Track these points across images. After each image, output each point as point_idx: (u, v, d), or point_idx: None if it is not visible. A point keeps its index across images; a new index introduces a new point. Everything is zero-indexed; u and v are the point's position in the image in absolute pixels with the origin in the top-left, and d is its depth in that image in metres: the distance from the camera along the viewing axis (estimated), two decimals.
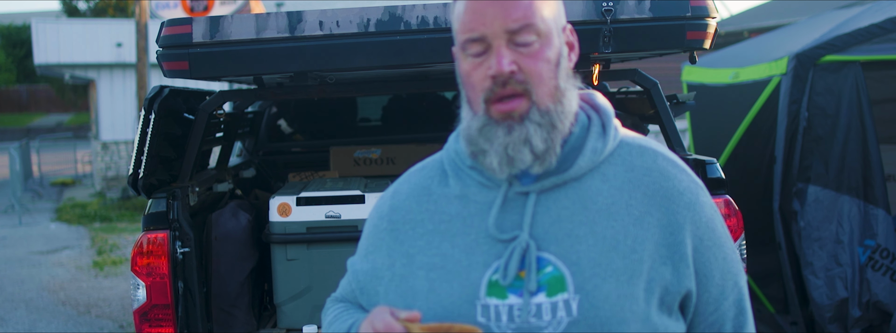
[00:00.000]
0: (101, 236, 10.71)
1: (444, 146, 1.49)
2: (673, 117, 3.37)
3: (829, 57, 4.36)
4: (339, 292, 1.60)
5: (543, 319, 1.30)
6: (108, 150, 15.97)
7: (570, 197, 1.35)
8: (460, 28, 1.32)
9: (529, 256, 1.31)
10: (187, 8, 14.69)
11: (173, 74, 2.84)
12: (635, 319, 1.29)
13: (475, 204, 1.38)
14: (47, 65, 16.06)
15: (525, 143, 1.30)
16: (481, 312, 1.32)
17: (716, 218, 1.40)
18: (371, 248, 1.48)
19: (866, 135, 4.27)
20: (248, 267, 3.37)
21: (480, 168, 1.37)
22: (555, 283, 1.30)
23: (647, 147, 1.42)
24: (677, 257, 1.33)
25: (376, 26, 2.75)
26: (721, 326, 1.39)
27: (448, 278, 1.35)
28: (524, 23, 1.29)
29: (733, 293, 1.40)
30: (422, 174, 1.48)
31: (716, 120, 5.52)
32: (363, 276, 1.49)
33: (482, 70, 1.31)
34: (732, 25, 14.29)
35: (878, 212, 4.26)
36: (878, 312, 4.28)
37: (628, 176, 1.37)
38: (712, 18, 2.89)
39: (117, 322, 6.51)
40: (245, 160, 4.94)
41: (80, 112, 34.81)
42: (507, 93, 1.30)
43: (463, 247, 1.36)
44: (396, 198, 1.48)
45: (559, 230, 1.33)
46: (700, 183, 1.42)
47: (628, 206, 1.34)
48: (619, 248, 1.31)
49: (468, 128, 1.36)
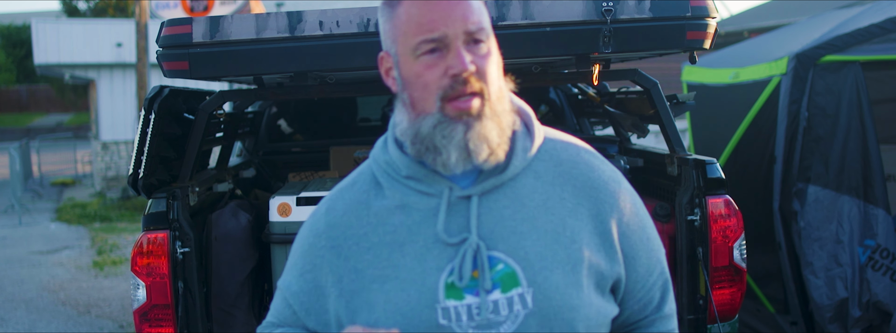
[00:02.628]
0: (101, 236, 10.71)
1: (371, 158, 1.51)
2: (673, 117, 3.37)
3: (829, 57, 4.36)
4: (273, 317, 1.57)
5: (501, 314, 1.36)
6: (108, 150, 15.97)
7: (508, 197, 1.41)
8: (415, 29, 1.35)
9: (481, 256, 1.36)
10: (187, 8, 14.68)
11: (173, 74, 2.84)
12: (583, 305, 1.38)
13: (417, 211, 1.41)
14: (47, 65, 16.07)
15: (483, 138, 1.35)
16: (442, 315, 1.36)
17: (637, 203, 1.50)
18: (308, 267, 1.48)
19: (866, 135, 4.27)
20: (248, 267, 3.37)
21: (417, 176, 1.41)
22: (508, 279, 1.37)
23: (569, 141, 1.50)
24: (608, 244, 1.43)
25: (376, 26, 2.75)
26: (649, 302, 1.51)
27: (403, 286, 1.38)
28: (480, 26, 1.36)
29: (657, 268, 1.51)
30: (355, 189, 1.49)
31: (716, 120, 5.52)
32: (305, 297, 1.49)
33: (438, 69, 1.35)
34: (732, 25, 14.29)
35: (878, 212, 4.26)
36: (878, 312, 4.28)
37: (557, 170, 1.44)
38: (712, 18, 2.89)
39: (117, 322, 6.51)
40: (245, 160, 4.94)
41: (80, 112, 34.81)
42: (466, 92, 1.34)
43: (413, 255, 1.39)
44: (332, 215, 1.48)
45: (504, 228, 1.39)
46: (619, 173, 1.51)
47: (562, 199, 1.42)
48: (561, 240, 1.39)
49: (415, 127, 1.38)
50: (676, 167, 3.26)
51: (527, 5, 2.76)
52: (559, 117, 5.30)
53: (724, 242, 3.01)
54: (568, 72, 3.73)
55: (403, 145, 1.44)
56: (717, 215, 3.01)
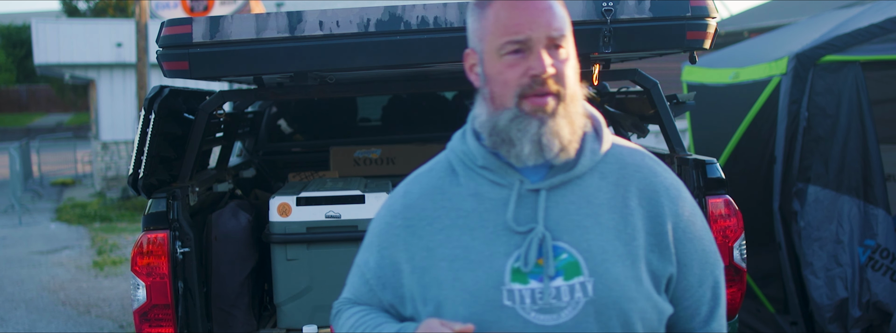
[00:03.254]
0: (101, 236, 10.71)
1: (448, 148, 1.62)
2: (673, 117, 3.37)
3: (829, 57, 4.36)
4: (350, 293, 1.69)
5: (563, 300, 1.45)
6: (108, 150, 15.97)
7: (574, 193, 1.51)
8: (502, 30, 1.47)
9: (546, 245, 1.46)
10: (187, 8, 14.68)
11: (173, 74, 2.84)
12: (641, 297, 1.47)
13: (489, 200, 1.52)
14: (47, 65, 16.06)
15: (555, 135, 1.47)
16: (507, 296, 1.46)
17: (696, 214, 1.58)
18: (385, 244, 1.59)
19: (866, 135, 4.27)
20: (248, 267, 3.37)
21: (491, 167, 1.52)
22: (571, 268, 1.47)
23: (636, 148, 1.61)
24: (663, 245, 1.52)
25: (376, 26, 2.75)
26: (696, 309, 1.56)
27: (472, 267, 1.48)
28: (562, 33, 1.48)
29: (710, 281, 1.57)
30: (431, 175, 1.61)
31: (716, 120, 5.52)
32: (381, 271, 1.60)
33: (520, 69, 1.46)
34: (732, 25, 14.28)
35: (878, 212, 4.26)
36: (878, 312, 4.28)
37: (622, 172, 1.54)
38: (712, 18, 2.89)
39: (117, 322, 6.51)
40: (245, 160, 4.94)
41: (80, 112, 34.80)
42: (542, 91, 1.46)
43: (483, 239, 1.49)
44: (408, 198, 1.60)
45: (569, 222, 1.49)
46: (681, 182, 1.61)
47: (625, 199, 1.52)
48: (622, 237, 1.49)
49: (494, 120, 1.49)
50: (676, 167, 3.26)
51: None
52: None
53: (724, 242, 3.02)
54: None
55: (480, 137, 1.54)
56: (717, 215, 3.02)
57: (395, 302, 1.60)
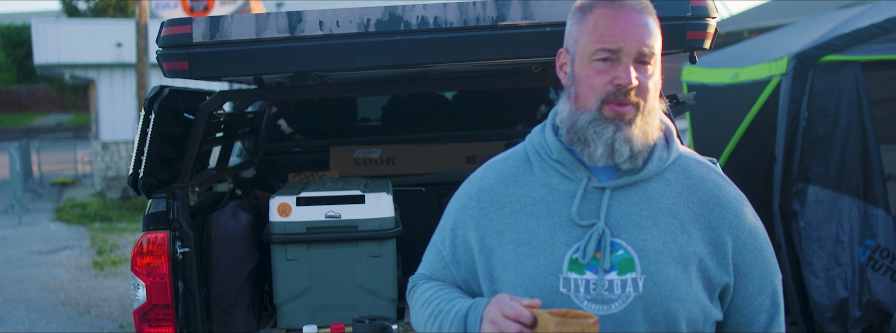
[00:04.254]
0: (101, 236, 10.71)
1: (527, 139, 1.73)
2: (673, 117, 3.37)
3: (829, 57, 4.36)
4: (425, 269, 1.80)
5: (614, 293, 1.55)
6: (108, 150, 15.97)
7: (638, 195, 1.60)
8: (596, 37, 1.55)
9: (605, 240, 1.56)
10: (187, 8, 14.68)
11: (173, 74, 2.84)
12: (689, 299, 1.55)
13: (558, 192, 1.63)
14: (47, 65, 16.06)
15: (628, 141, 1.56)
16: (563, 284, 1.57)
17: (758, 227, 1.66)
18: (459, 223, 1.71)
19: (866, 135, 4.27)
20: (248, 267, 3.37)
21: (564, 161, 1.63)
22: (625, 264, 1.56)
23: (703, 161, 1.70)
24: (721, 255, 1.59)
25: (376, 26, 2.75)
26: (755, 317, 1.64)
27: (534, 253, 1.60)
28: (652, 50, 1.57)
29: (769, 290, 1.64)
30: (507, 163, 1.72)
31: (716, 120, 5.52)
32: (455, 249, 1.71)
33: (607, 76, 1.55)
34: (732, 25, 14.28)
35: (878, 212, 4.26)
36: (878, 312, 4.28)
37: (687, 182, 1.64)
38: (712, 18, 2.88)
39: (117, 322, 6.51)
40: (245, 160, 4.94)
41: (80, 112, 34.79)
42: (624, 101, 1.55)
43: (547, 228, 1.60)
44: (484, 182, 1.72)
45: (628, 221, 1.58)
46: (743, 196, 1.68)
47: (686, 208, 1.61)
48: (678, 240, 1.57)
49: (574, 119, 1.59)
50: None
51: (527, 5, 2.76)
52: None
53: None
54: None
55: (559, 132, 1.65)
56: None
57: (468, 278, 1.71)
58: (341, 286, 3.31)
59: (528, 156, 1.70)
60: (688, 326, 1.56)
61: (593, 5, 1.58)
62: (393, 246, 3.33)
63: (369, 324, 2.94)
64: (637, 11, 1.57)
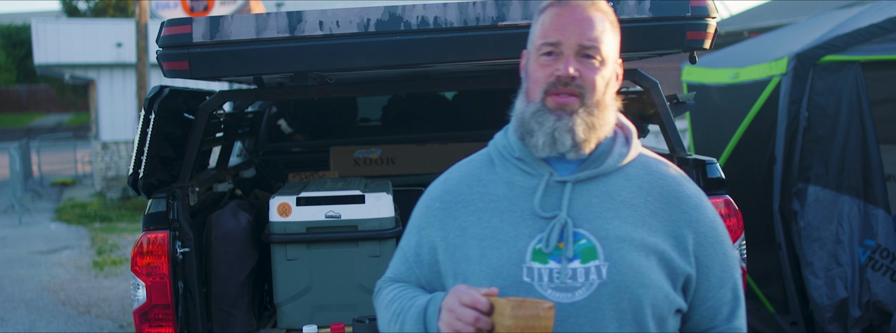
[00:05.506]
0: (101, 236, 10.71)
1: (491, 142, 1.78)
2: (673, 117, 3.37)
3: (829, 57, 4.36)
4: (391, 273, 1.84)
5: (578, 281, 1.59)
6: (108, 150, 15.97)
7: (599, 189, 1.66)
8: (541, 33, 1.63)
9: (567, 230, 1.60)
10: (187, 8, 14.68)
11: (173, 74, 2.84)
12: (652, 285, 1.59)
13: (520, 188, 1.67)
14: (47, 65, 16.06)
15: (569, 131, 1.61)
16: (526, 273, 1.60)
17: (717, 221, 1.70)
18: (424, 225, 1.76)
19: (866, 135, 4.27)
20: (248, 267, 3.37)
21: (525, 158, 1.68)
22: (588, 253, 1.60)
23: (662, 160, 1.75)
24: (682, 247, 1.64)
25: (376, 26, 2.75)
26: (718, 309, 1.68)
27: (498, 246, 1.63)
28: (594, 44, 1.62)
29: (730, 283, 1.69)
30: (471, 164, 1.78)
31: (716, 120, 5.52)
32: (420, 250, 1.75)
33: (549, 69, 1.62)
34: (732, 25, 14.28)
35: (878, 212, 4.26)
36: (878, 312, 4.28)
37: (647, 178, 1.69)
38: (712, 18, 2.89)
39: (117, 322, 6.51)
40: (245, 160, 4.94)
41: (80, 112, 34.78)
42: (564, 91, 1.61)
43: (510, 222, 1.64)
44: (448, 184, 1.77)
45: (590, 212, 1.63)
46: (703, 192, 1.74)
47: (646, 202, 1.66)
48: (639, 231, 1.62)
49: (523, 112, 1.66)
50: None
51: (527, 5, 2.76)
52: None
53: None
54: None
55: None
56: None
57: (431, 278, 1.74)
58: (341, 286, 3.31)
59: (491, 158, 1.75)
60: (653, 312, 1.60)
61: (547, 5, 1.66)
62: (393, 246, 3.33)
63: (369, 324, 2.94)
64: (583, 8, 1.62)
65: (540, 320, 1.46)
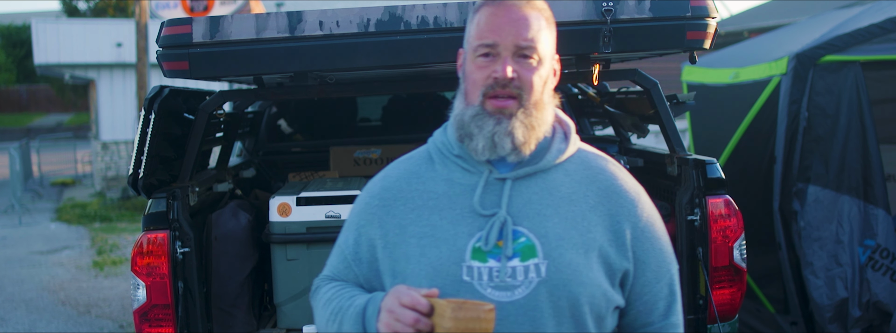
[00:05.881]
0: (101, 236, 10.71)
1: (430, 139, 1.76)
2: (673, 117, 3.37)
3: (829, 57, 4.36)
4: (328, 271, 1.81)
5: (517, 279, 1.58)
6: (108, 150, 15.97)
7: (538, 185, 1.65)
8: (477, 34, 1.61)
9: (506, 228, 1.60)
10: (187, 8, 14.68)
11: (173, 74, 2.84)
12: (591, 283, 1.60)
13: (459, 185, 1.66)
14: (47, 65, 16.06)
15: (509, 134, 1.60)
16: (466, 272, 1.59)
17: (654, 216, 1.71)
18: (363, 222, 1.74)
19: (866, 135, 4.27)
20: (248, 267, 3.37)
21: (465, 156, 1.66)
22: (527, 251, 1.59)
23: (601, 155, 1.75)
24: (620, 242, 1.64)
25: (376, 26, 2.75)
26: (654, 303, 1.70)
27: (437, 244, 1.62)
28: (531, 44, 1.60)
29: (666, 278, 1.70)
30: (410, 162, 1.76)
31: (716, 120, 5.52)
32: (358, 247, 1.73)
33: (486, 71, 1.60)
34: (732, 25, 14.28)
35: (878, 212, 4.26)
36: (878, 312, 4.28)
37: (586, 173, 1.69)
38: (712, 18, 2.89)
39: (117, 322, 6.51)
40: (245, 160, 4.94)
41: (80, 112, 34.79)
42: (503, 93, 1.59)
43: (450, 220, 1.63)
44: (387, 181, 1.75)
45: (530, 210, 1.62)
46: (641, 187, 1.74)
47: (585, 196, 1.66)
48: (578, 227, 1.62)
49: (461, 114, 1.64)
50: (676, 167, 3.26)
51: None
52: None
53: (724, 242, 3.01)
54: (568, 72, 3.73)
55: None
56: (717, 215, 3.01)
57: (370, 277, 1.72)
58: None
59: (430, 155, 1.74)
60: (591, 309, 1.60)
61: (481, 4, 1.64)
62: None
63: None
64: (518, 7, 1.60)
65: (480, 322, 1.45)
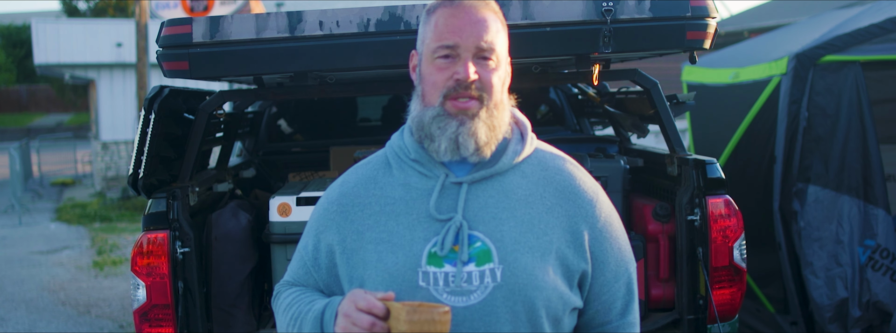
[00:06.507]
0: (101, 236, 10.71)
1: (387, 143, 1.75)
2: (673, 117, 3.37)
3: (829, 57, 4.36)
4: (289, 276, 1.81)
5: (473, 284, 1.58)
6: (108, 150, 15.97)
7: (495, 188, 1.64)
8: (436, 35, 1.61)
9: (462, 233, 1.59)
10: (187, 8, 14.68)
11: (173, 74, 2.84)
12: (546, 287, 1.59)
13: (416, 190, 1.65)
14: (47, 65, 16.06)
15: (472, 135, 1.60)
16: (422, 278, 1.59)
17: (613, 215, 1.71)
18: (321, 228, 1.73)
19: (866, 135, 4.27)
20: (248, 267, 3.37)
21: (421, 160, 1.66)
22: (483, 255, 1.59)
23: (559, 154, 1.74)
24: (577, 243, 1.64)
25: (376, 26, 2.75)
26: (612, 303, 1.69)
27: (393, 250, 1.62)
28: (490, 46, 1.61)
29: (624, 278, 1.70)
30: (368, 166, 1.75)
31: (716, 120, 5.52)
32: (317, 253, 1.73)
33: (447, 72, 1.60)
34: (732, 25, 14.28)
35: (878, 212, 4.26)
36: (878, 312, 4.28)
37: (543, 174, 1.68)
38: (712, 18, 2.89)
39: (117, 322, 6.51)
40: (245, 160, 4.94)
41: (80, 112, 34.79)
42: (465, 95, 1.60)
43: (406, 225, 1.63)
44: (345, 186, 1.74)
45: (486, 214, 1.62)
46: (599, 186, 1.73)
47: (542, 198, 1.65)
48: (534, 230, 1.61)
49: (420, 116, 1.63)
50: (676, 167, 3.26)
51: (527, 5, 2.76)
52: (559, 117, 5.30)
53: (724, 242, 3.01)
54: (568, 72, 3.73)
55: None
56: (717, 215, 3.01)
57: (330, 282, 1.73)
58: None
59: (387, 160, 1.73)
60: (547, 313, 1.59)
61: (437, 6, 1.64)
62: None
63: None
64: (476, 9, 1.61)
65: (435, 324, 1.45)
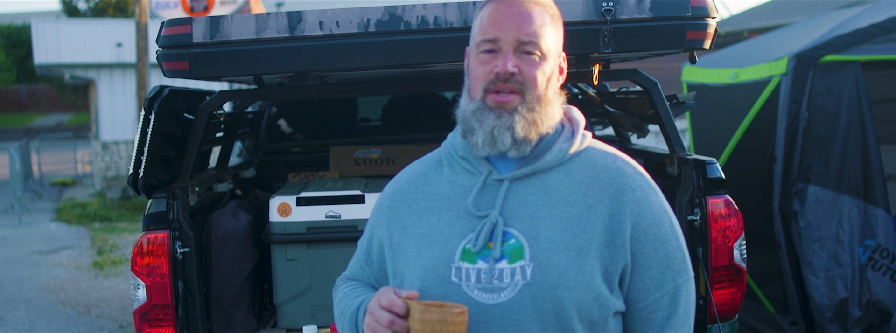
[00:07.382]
0: (101, 236, 10.71)
1: (444, 142, 1.77)
2: (673, 117, 3.36)
3: (829, 57, 4.36)
4: (347, 270, 1.87)
5: (504, 281, 1.57)
6: (108, 150, 15.97)
7: (536, 186, 1.63)
8: (480, 29, 1.62)
9: (497, 230, 1.59)
10: (187, 8, 14.68)
11: (173, 74, 2.84)
12: (580, 288, 1.55)
13: (461, 186, 1.67)
14: (47, 65, 16.06)
15: (509, 129, 1.59)
16: (454, 273, 1.60)
17: (664, 218, 1.64)
18: (375, 224, 1.79)
19: (866, 135, 4.27)
20: (248, 267, 3.37)
21: (468, 157, 1.67)
22: (515, 253, 1.58)
23: (612, 152, 1.71)
24: (618, 242, 1.59)
25: (376, 26, 2.75)
26: (651, 314, 1.61)
27: (431, 245, 1.64)
28: (532, 39, 1.60)
29: (669, 288, 1.61)
30: (421, 164, 1.79)
31: (716, 120, 5.52)
32: (371, 248, 1.78)
33: (489, 66, 1.60)
34: (732, 25, 14.28)
35: (878, 212, 4.26)
36: (878, 312, 4.28)
37: (589, 172, 1.65)
38: (712, 18, 2.89)
39: (117, 322, 6.51)
40: (245, 160, 4.94)
41: (80, 112, 34.79)
42: (504, 88, 1.59)
43: (446, 221, 1.65)
44: (398, 183, 1.79)
45: (524, 211, 1.61)
46: (655, 186, 1.68)
47: (585, 196, 1.62)
48: (572, 229, 1.58)
49: (465, 109, 1.65)
50: (676, 167, 3.26)
51: None
52: None
53: (724, 242, 3.01)
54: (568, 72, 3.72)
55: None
56: (717, 215, 3.01)
57: (380, 277, 1.76)
58: None
59: (440, 158, 1.75)
60: (579, 314, 1.54)
61: (487, 2, 1.65)
62: None
63: None
64: (522, 3, 1.61)
65: (447, 325, 1.46)
